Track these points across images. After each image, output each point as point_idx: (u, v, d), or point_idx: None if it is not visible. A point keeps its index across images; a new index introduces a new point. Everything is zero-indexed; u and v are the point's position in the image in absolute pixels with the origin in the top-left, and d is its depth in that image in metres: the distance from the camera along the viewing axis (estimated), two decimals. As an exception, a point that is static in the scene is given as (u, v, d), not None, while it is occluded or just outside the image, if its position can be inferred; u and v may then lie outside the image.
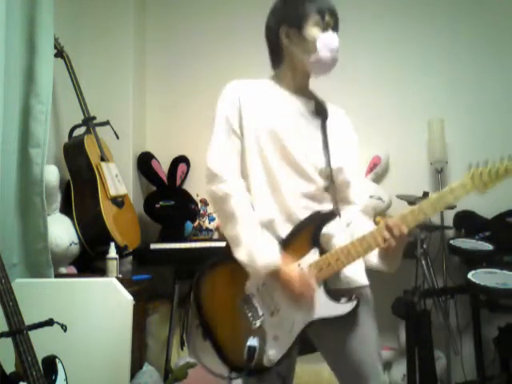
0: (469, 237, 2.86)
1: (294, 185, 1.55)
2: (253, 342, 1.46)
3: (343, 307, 1.48)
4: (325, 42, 1.58)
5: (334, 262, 1.47)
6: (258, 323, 1.51)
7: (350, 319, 1.51)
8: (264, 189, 1.55)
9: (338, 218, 1.56)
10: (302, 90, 1.67)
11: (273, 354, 1.49)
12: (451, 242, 2.81)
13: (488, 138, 3.08)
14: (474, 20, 3.20)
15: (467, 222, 2.98)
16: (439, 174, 3.09)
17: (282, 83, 1.66)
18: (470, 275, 2.42)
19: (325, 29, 1.59)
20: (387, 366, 3.04)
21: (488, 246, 2.72)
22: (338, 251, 1.47)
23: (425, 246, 2.67)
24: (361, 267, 1.60)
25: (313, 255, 1.49)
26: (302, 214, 1.52)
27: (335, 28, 1.63)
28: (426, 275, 2.69)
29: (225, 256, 1.55)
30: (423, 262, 2.67)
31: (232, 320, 1.54)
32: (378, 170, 3.15)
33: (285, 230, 1.53)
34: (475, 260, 2.64)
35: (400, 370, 2.89)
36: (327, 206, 1.57)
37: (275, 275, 1.47)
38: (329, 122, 1.64)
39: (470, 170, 1.41)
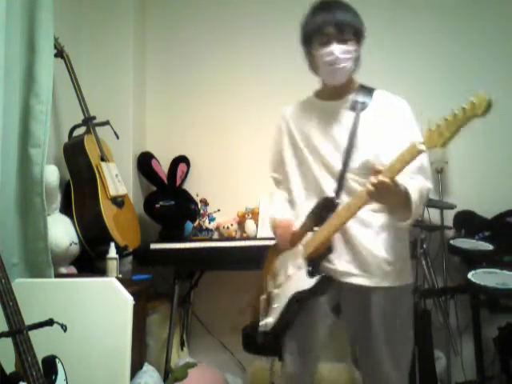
0: (469, 237, 2.85)
1: (324, 181, 1.69)
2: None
3: (308, 282, 1.58)
4: (322, 57, 1.67)
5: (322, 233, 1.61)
6: (272, 293, 1.73)
7: (362, 312, 1.67)
8: (301, 189, 1.77)
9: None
10: (336, 92, 1.76)
11: (269, 321, 1.67)
12: (451, 241, 2.81)
13: (488, 137, 3.07)
14: (475, 20, 3.20)
15: (467, 222, 2.98)
16: (439, 173, 3.08)
17: (319, 93, 1.84)
18: (470, 275, 2.42)
19: (324, 43, 1.66)
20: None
21: (488, 246, 2.72)
22: (326, 225, 1.60)
23: (425, 246, 2.67)
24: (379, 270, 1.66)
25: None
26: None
27: (340, 37, 1.65)
28: (426, 275, 2.69)
29: None
30: (423, 262, 2.67)
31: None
32: (378, 170, 3.15)
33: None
34: (475, 260, 2.63)
35: (400, 369, 2.89)
36: None
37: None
38: (365, 114, 1.71)
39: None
